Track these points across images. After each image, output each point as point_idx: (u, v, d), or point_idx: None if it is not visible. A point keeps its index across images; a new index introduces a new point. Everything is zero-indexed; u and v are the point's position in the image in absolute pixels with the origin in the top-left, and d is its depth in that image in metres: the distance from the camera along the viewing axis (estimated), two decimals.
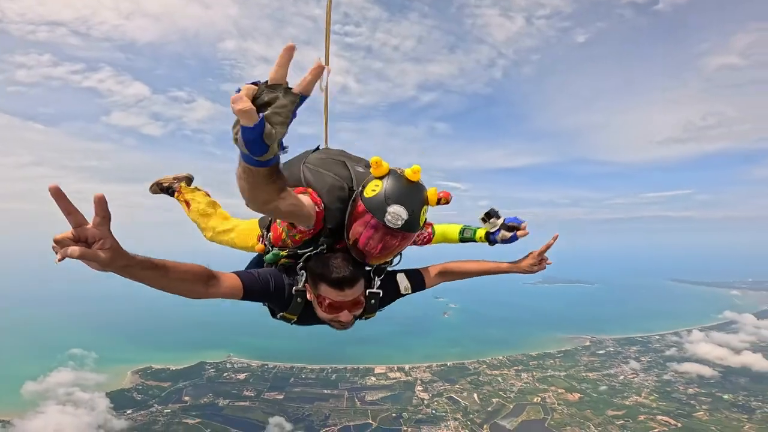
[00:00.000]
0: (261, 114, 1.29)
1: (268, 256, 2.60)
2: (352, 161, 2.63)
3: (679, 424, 41.31)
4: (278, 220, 2.53)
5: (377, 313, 2.86)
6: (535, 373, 55.66)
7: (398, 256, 2.71)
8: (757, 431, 39.10)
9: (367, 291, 2.57)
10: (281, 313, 2.62)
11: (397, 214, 2.13)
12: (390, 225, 2.15)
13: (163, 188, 4.04)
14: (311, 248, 2.42)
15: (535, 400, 47.95)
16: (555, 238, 2.98)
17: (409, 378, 54.78)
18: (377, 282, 2.65)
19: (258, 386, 51.60)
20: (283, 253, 2.51)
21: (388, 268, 2.79)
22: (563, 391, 50.01)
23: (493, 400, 48.06)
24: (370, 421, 43.80)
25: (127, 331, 74.46)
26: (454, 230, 3.27)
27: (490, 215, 2.99)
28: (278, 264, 2.59)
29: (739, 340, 65.12)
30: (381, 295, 2.67)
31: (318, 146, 2.99)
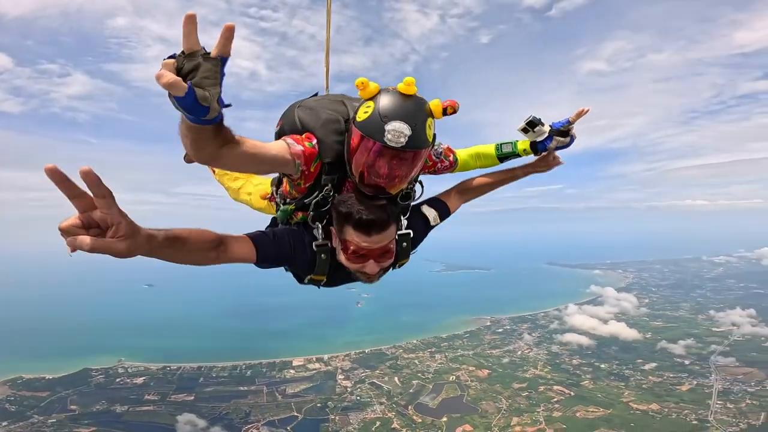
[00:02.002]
0: (188, 82, 1.31)
1: (278, 213, 2.45)
2: (351, 100, 2.34)
3: (572, 393, 46.67)
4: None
5: (411, 256, 2.58)
6: (447, 354, 58.93)
7: (419, 187, 2.49)
8: (635, 396, 45.44)
9: (397, 234, 2.29)
10: (309, 276, 2.38)
11: (397, 130, 1.86)
12: (392, 144, 1.88)
13: None
14: (317, 192, 2.18)
15: (450, 378, 50.63)
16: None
17: (330, 367, 54.12)
18: (404, 222, 2.43)
19: (161, 389, 46.53)
20: (291, 207, 2.35)
21: (412, 203, 2.52)
22: (474, 368, 53.59)
23: (413, 382, 49.68)
24: (296, 414, 42.34)
25: None
26: (488, 149, 2.85)
27: (533, 124, 2.62)
28: (292, 220, 2.41)
29: (605, 311, 76.33)
30: (412, 235, 2.46)
31: (316, 93, 2.71)
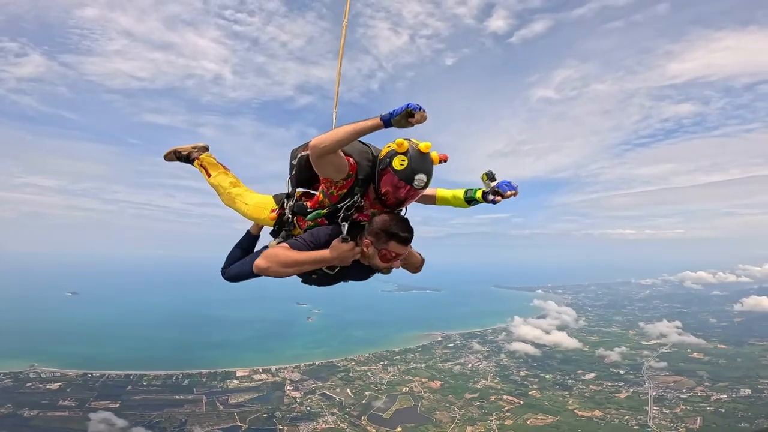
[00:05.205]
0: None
1: (309, 216, 3.04)
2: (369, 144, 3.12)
3: (522, 402, 47.73)
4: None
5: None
6: (400, 367, 58.41)
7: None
8: (579, 404, 47.30)
9: None
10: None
11: (422, 180, 2.69)
12: (416, 187, 2.72)
13: (181, 156, 4.07)
14: (348, 199, 2.87)
15: (403, 390, 50.02)
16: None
17: (277, 378, 51.38)
18: None
19: (80, 396, 42.34)
20: (323, 211, 2.97)
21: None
22: (426, 380, 53.48)
23: (366, 393, 48.50)
24: (239, 424, 39.55)
25: None
26: (460, 192, 3.42)
27: (488, 176, 3.13)
28: (315, 222, 3.05)
29: (547, 324, 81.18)
30: None
31: None
